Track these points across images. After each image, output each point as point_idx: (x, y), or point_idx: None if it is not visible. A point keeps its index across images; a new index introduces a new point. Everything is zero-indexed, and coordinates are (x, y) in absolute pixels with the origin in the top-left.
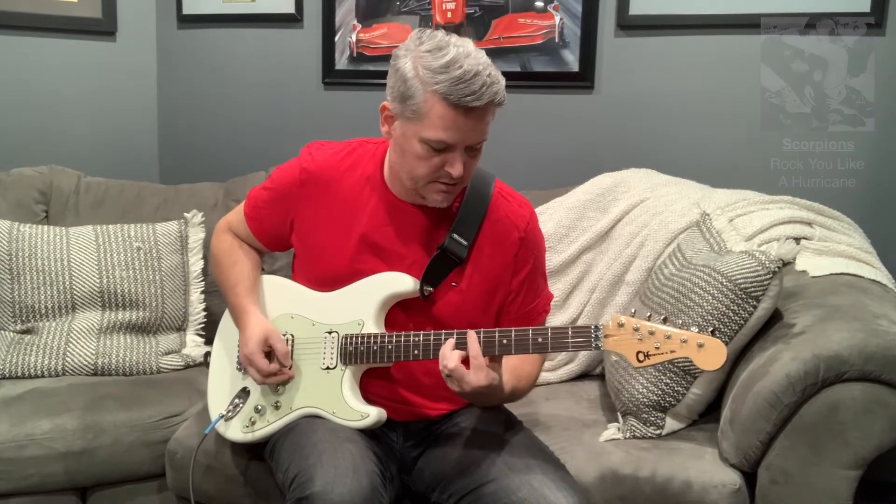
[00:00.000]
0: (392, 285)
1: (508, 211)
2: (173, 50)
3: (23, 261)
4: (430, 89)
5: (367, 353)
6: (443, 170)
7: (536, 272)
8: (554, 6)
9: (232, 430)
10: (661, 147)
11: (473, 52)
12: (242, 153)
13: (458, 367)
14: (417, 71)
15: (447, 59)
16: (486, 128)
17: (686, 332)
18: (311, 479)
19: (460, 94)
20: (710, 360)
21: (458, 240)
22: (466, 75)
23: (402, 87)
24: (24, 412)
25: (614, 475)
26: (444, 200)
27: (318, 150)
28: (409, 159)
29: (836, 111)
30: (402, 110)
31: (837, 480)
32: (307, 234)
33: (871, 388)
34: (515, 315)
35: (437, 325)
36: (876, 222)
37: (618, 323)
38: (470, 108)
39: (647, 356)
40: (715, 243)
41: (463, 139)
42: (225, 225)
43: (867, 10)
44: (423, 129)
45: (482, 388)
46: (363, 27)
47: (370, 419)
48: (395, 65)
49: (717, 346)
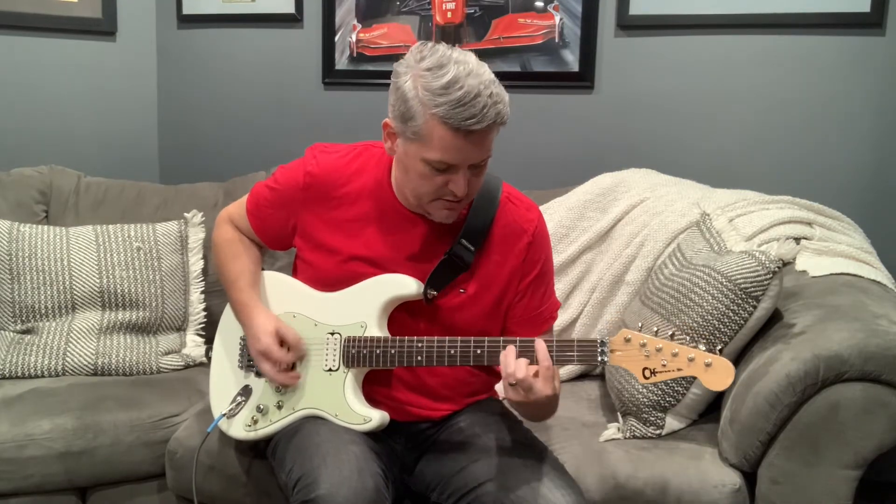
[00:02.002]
0: (395, 287)
1: (517, 216)
2: (173, 50)
3: (23, 261)
4: (430, 112)
5: (370, 357)
6: (446, 188)
7: (544, 276)
8: (554, 6)
9: (234, 427)
10: (661, 147)
11: (475, 69)
12: (242, 153)
13: (529, 376)
14: (417, 91)
15: (447, 78)
16: (489, 146)
17: (694, 349)
18: (315, 481)
19: (461, 117)
20: (717, 380)
21: (467, 246)
22: (467, 97)
23: (403, 107)
24: (24, 412)
25: (614, 475)
26: (448, 217)
27: (323, 153)
28: (413, 177)
29: (836, 111)
30: (404, 130)
31: (837, 480)
32: (311, 238)
33: (871, 388)
34: (521, 318)
35: (441, 328)
36: (876, 222)
37: (624, 338)
38: (471, 130)
39: (654, 373)
40: (715, 243)
41: (465, 159)
42: (226, 216)
43: (867, 9)
44: (425, 150)
45: (548, 397)
46: (363, 27)
47: (373, 423)
48: (395, 82)
49: (724, 365)
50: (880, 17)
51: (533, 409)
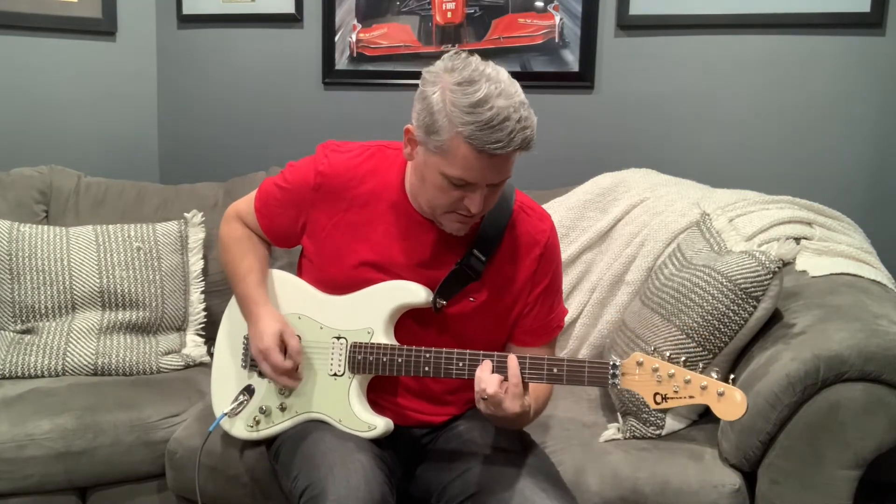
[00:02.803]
0: (404, 295)
1: (529, 226)
2: (173, 50)
3: (23, 261)
4: (457, 129)
5: (377, 364)
6: (462, 203)
7: (553, 286)
8: (554, 6)
9: (236, 427)
10: (661, 147)
11: (506, 90)
12: (242, 153)
13: (498, 392)
14: (445, 105)
15: (478, 97)
16: (510, 167)
17: (706, 377)
18: (323, 492)
19: (487, 140)
20: (729, 411)
21: (479, 256)
22: (495, 119)
23: (429, 119)
24: (24, 412)
25: (614, 475)
26: (460, 230)
27: (335, 151)
28: (429, 188)
29: (836, 111)
30: (426, 141)
31: (837, 480)
32: (320, 238)
33: (872, 388)
34: (529, 328)
35: (449, 337)
36: (876, 222)
37: (637, 361)
38: (494, 154)
39: (665, 399)
40: (715, 243)
41: (485, 179)
42: (234, 212)
43: (867, 9)
44: (446, 165)
45: (516, 414)
46: (363, 27)
47: (377, 431)
48: (423, 91)
49: (737, 396)
50: (880, 17)
51: (502, 421)
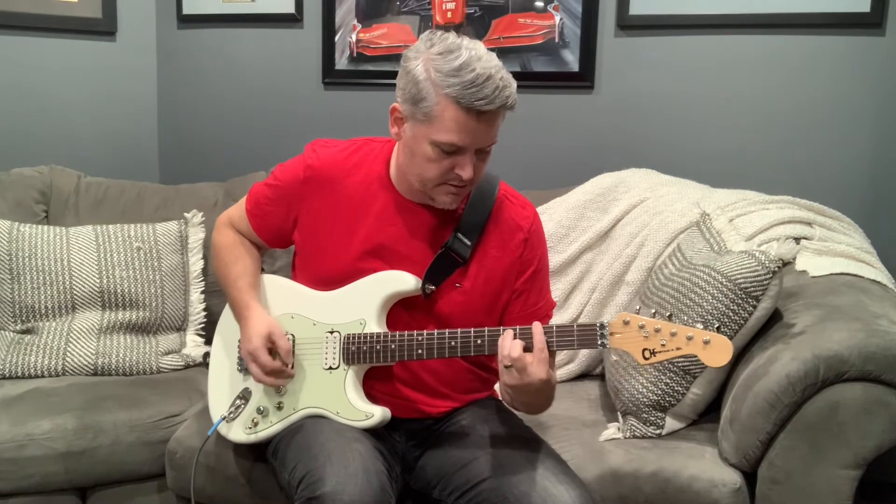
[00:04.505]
0: (393, 284)
1: (513, 212)
2: (173, 50)
3: (23, 261)
4: (443, 92)
5: (371, 353)
6: (452, 172)
7: (540, 273)
8: (554, 6)
9: (234, 431)
10: (661, 147)
11: (485, 55)
12: (242, 153)
13: (523, 356)
14: (429, 73)
15: (459, 62)
16: (496, 131)
17: (691, 328)
18: (321, 479)
19: (473, 97)
20: (716, 357)
21: (463, 240)
22: (479, 79)
23: (414, 89)
24: (24, 412)
25: (614, 475)
26: (452, 202)
27: (323, 147)
28: (419, 161)
29: (836, 111)
30: (414, 112)
31: (837, 480)
32: (310, 232)
33: (871, 388)
34: (518, 315)
35: (439, 324)
36: (876, 222)
37: (623, 320)
38: (482, 111)
39: (653, 353)
40: (715, 243)
41: (473, 142)
42: (226, 219)
43: (867, 10)
44: (434, 131)
45: (542, 381)
46: (363, 27)
47: (375, 419)
48: (405, 66)
49: (722, 342)
50: (880, 17)
51: (527, 395)
